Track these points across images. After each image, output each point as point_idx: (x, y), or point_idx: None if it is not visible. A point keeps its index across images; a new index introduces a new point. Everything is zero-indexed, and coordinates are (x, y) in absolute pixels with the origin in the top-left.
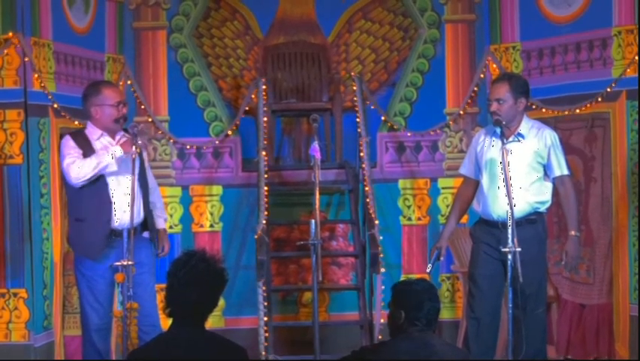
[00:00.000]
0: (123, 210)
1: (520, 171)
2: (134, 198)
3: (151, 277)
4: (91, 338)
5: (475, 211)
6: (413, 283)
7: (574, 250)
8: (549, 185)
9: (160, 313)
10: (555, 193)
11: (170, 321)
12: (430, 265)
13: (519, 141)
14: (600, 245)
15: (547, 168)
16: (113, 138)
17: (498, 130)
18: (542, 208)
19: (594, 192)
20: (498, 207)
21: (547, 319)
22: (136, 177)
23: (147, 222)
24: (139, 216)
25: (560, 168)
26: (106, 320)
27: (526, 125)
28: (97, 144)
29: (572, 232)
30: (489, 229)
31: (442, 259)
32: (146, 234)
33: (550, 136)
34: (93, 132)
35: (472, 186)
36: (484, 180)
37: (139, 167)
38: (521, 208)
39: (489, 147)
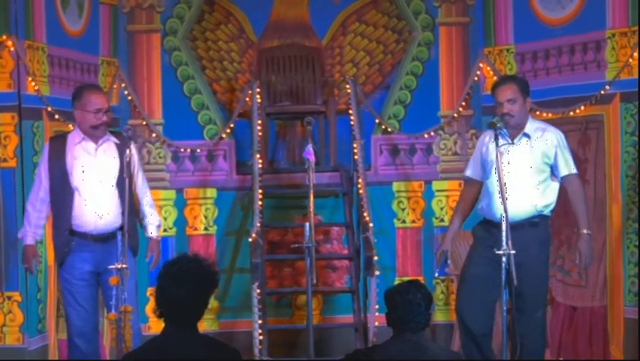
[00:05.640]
0: (99, 215)
1: (526, 172)
2: (126, 201)
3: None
4: (74, 341)
5: (478, 212)
6: (403, 287)
7: (586, 249)
8: (555, 186)
9: (151, 315)
10: (562, 193)
11: (162, 325)
12: (438, 270)
13: (519, 142)
14: (593, 248)
15: (554, 168)
16: (96, 142)
17: (504, 131)
18: (546, 211)
19: (587, 194)
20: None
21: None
22: (127, 180)
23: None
24: (117, 221)
25: (567, 167)
26: (88, 322)
27: (531, 126)
28: (76, 149)
29: (584, 231)
30: (491, 229)
31: (449, 262)
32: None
33: (556, 135)
34: (76, 136)
35: (476, 188)
36: (490, 181)
37: (120, 172)
38: (525, 210)
39: (494, 147)
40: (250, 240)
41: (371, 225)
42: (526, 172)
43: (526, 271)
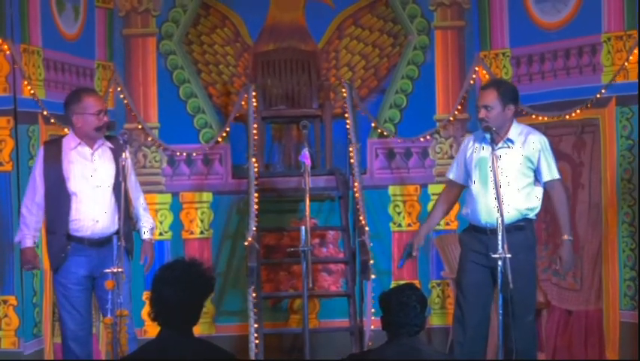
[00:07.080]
0: (95, 220)
1: (510, 176)
2: (122, 205)
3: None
4: (68, 345)
5: (464, 217)
6: (398, 290)
7: (567, 254)
8: (539, 191)
9: (147, 319)
10: (545, 198)
11: (157, 329)
12: (401, 262)
13: (508, 146)
14: (588, 251)
15: (537, 173)
16: (92, 147)
17: (488, 136)
18: (531, 215)
19: (582, 198)
20: (487, 213)
21: (537, 325)
22: (123, 184)
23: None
24: (113, 225)
25: (550, 173)
26: (83, 326)
27: (515, 131)
28: (72, 154)
29: (565, 237)
30: (477, 235)
31: (415, 254)
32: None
33: (539, 140)
34: (71, 141)
35: (456, 190)
36: (475, 186)
37: (116, 177)
38: (510, 215)
39: (479, 152)
40: (246, 244)
41: (367, 228)
42: (510, 176)
43: (515, 276)
